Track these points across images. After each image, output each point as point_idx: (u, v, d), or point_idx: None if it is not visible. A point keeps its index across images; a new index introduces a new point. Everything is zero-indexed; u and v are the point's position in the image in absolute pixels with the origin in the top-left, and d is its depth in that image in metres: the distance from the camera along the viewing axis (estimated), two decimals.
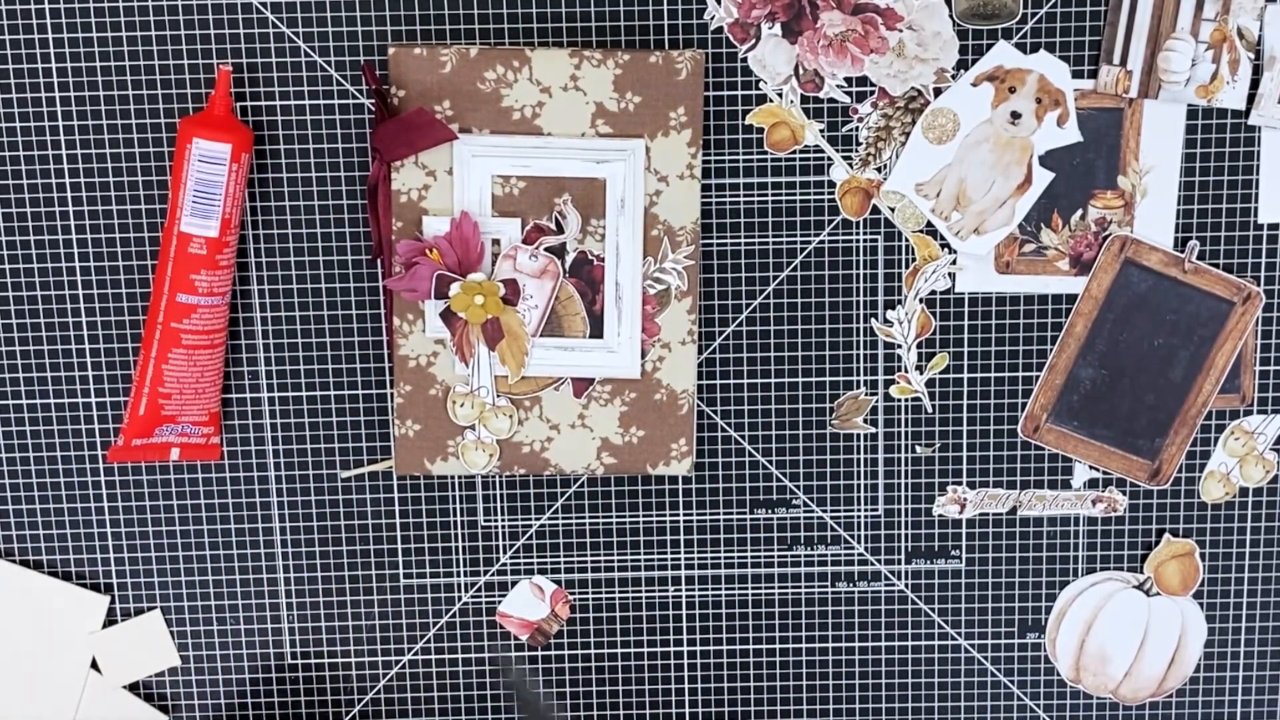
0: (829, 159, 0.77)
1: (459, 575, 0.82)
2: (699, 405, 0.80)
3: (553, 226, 0.76)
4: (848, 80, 0.76)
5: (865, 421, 0.80)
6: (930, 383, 0.80)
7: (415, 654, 0.83)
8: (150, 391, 0.75)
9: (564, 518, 0.81)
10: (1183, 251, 0.78)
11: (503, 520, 0.81)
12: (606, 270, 0.76)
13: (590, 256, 0.76)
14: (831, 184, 0.78)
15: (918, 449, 0.81)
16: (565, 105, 0.75)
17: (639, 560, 0.82)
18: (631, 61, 0.74)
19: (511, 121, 0.75)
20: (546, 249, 0.76)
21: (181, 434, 0.77)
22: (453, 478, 0.81)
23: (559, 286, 0.77)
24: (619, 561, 0.82)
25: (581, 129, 0.75)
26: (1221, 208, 0.78)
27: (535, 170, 0.75)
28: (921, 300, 0.79)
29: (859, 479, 0.81)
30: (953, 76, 0.76)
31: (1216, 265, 0.78)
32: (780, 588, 0.82)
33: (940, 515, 0.81)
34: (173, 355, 0.75)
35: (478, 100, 0.75)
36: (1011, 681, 0.83)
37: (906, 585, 0.82)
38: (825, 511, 0.81)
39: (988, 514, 0.81)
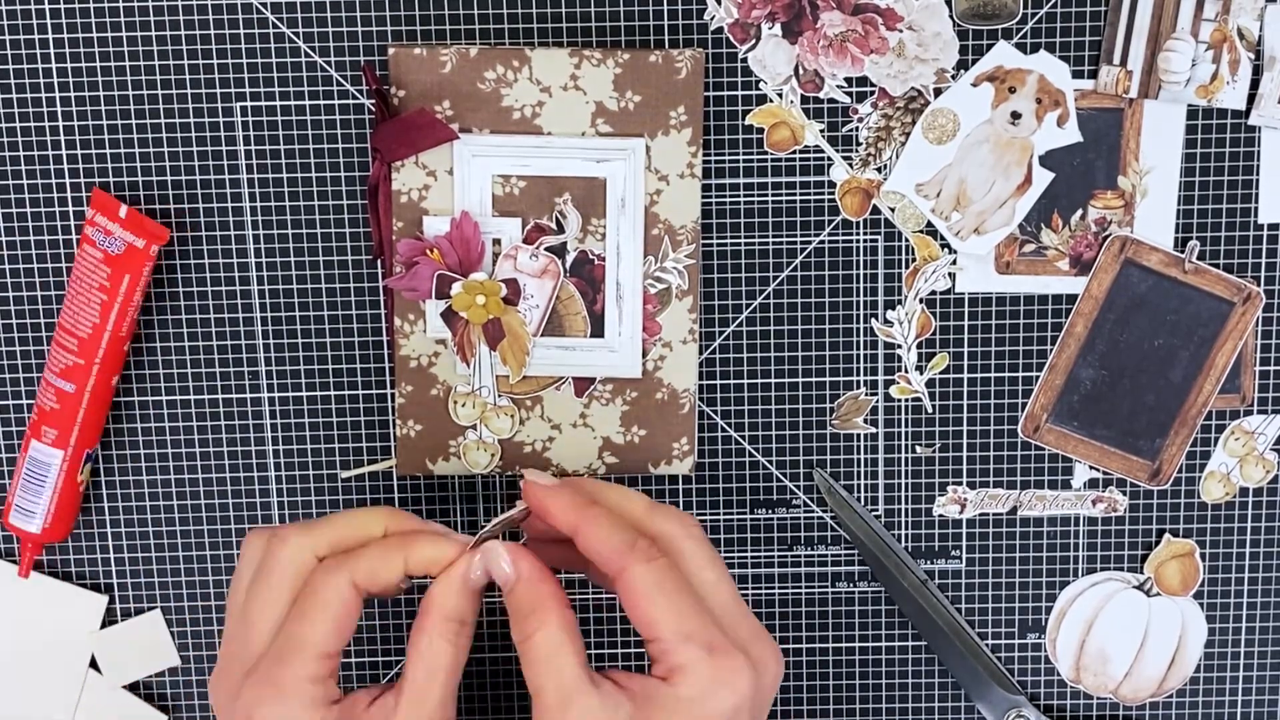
0: (829, 159, 0.77)
1: None
2: (698, 405, 0.80)
3: (553, 226, 0.76)
4: (848, 80, 0.76)
5: (865, 421, 0.80)
6: (930, 383, 0.80)
7: None
8: None
9: None
10: (1183, 252, 0.78)
11: None
12: (607, 269, 0.76)
13: (591, 256, 0.76)
14: (831, 184, 0.78)
15: (918, 449, 0.81)
16: (565, 105, 0.75)
17: None
18: (631, 61, 0.74)
19: (511, 121, 0.75)
20: (547, 248, 0.76)
21: None
22: (453, 478, 0.81)
23: (560, 286, 0.77)
24: None
25: (581, 128, 0.75)
26: (1221, 208, 0.78)
27: (535, 170, 0.75)
28: (921, 300, 0.79)
29: (859, 479, 0.81)
30: (953, 76, 0.76)
31: (1216, 265, 0.78)
32: (780, 588, 0.82)
33: (940, 515, 0.81)
34: None
35: (478, 100, 0.75)
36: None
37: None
38: (825, 511, 0.81)
39: (988, 514, 0.81)
